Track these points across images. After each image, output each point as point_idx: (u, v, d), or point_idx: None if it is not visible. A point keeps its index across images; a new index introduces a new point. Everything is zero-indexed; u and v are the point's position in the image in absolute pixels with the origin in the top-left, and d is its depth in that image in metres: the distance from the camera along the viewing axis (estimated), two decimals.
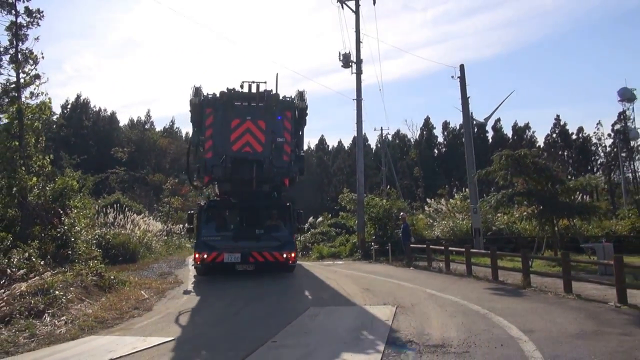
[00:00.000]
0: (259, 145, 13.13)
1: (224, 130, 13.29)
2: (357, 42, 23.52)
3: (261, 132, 13.18)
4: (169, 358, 6.43)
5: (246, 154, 13.02)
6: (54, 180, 16.32)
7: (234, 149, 12.97)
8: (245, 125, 13.10)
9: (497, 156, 15.83)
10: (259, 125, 13.18)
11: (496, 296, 10.44)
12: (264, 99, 13.47)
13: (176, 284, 14.68)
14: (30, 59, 15.96)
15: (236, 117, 13.14)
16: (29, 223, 14.76)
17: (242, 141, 13.06)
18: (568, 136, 64.33)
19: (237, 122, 13.12)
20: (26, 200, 14.81)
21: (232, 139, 13.01)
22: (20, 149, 15.05)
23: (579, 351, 5.85)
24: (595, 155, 63.02)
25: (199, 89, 13.83)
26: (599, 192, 40.77)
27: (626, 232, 20.41)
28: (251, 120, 13.12)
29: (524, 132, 68.90)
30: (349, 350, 6.40)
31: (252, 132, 13.12)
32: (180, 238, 37.16)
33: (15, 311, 8.86)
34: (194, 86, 13.97)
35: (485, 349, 6.14)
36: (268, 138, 13.20)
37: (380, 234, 23.28)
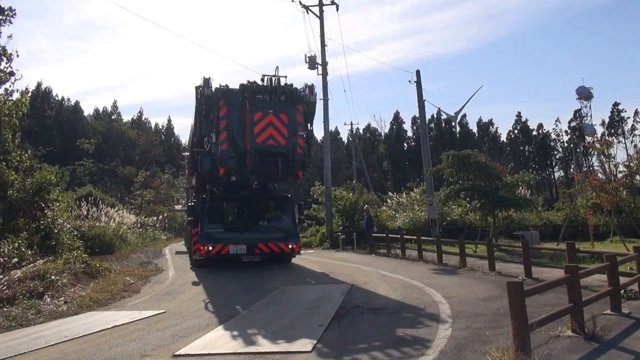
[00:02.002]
0: (282, 139, 13.11)
1: (245, 123, 13.17)
2: (322, 45, 25.14)
3: (283, 126, 13.15)
4: (163, 323, 7.96)
5: (270, 146, 12.98)
6: (32, 175, 17.14)
7: (257, 142, 12.90)
8: (267, 119, 13.01)
9: (445, 156, 17.90)
10: (281, 118, 13.16)
11: (435, 274, 12.42)
12: (284, 92, 13.53)
13: (157, 272, 16.07)
14: (4, 57, 16.69)
15: (258, 110, 13.07)
16: (11, 216, 15.69)
17: (266, 134, 12.97)
18: (529, 132, 67.48)
19: (260, 115, 13.03)
20: (7, 194, 15.71)
21: (255, 131, 12.93)
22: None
23: (479, 308, 7.80)
24: (554, 151, 66.54)
25: (208, 80, 13.70)
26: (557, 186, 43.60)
27: (560, 222, 22.98)
28: (273, 114, 13.08)
29: (488, 128, 71.92)
30: (311, 312, 8.16)
31: (274, 125, 13.05)
32: (155, 230, 37.99)
33: (18, 293, 10.20)
34: (204, 77, 13.85)
35: (412, 309, 8.07)
36: (290, 131, 13.25)
37: (347, 224, 25.14)
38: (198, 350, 6.17)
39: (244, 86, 13.44)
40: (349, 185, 34.82)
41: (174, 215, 45.50)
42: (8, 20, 16.30)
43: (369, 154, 66.35)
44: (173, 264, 18.69)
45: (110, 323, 8.09)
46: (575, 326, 5.89)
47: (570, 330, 5.97)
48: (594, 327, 5.82)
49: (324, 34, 24.96)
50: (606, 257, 7.04)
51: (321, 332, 6.76)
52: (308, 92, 14.03)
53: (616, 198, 20.73)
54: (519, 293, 4.94)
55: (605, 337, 5.76)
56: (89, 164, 53.88)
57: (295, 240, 15.06)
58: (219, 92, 13.65)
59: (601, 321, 6.26)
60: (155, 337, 6.99)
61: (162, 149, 73.18)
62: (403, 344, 6.10)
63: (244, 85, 13.44)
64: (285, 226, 15.17)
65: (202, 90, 13.80)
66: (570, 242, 9.57)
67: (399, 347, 5.94)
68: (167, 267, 17.68)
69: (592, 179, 21.34)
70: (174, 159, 66.13)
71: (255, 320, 7.90)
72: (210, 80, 13.73)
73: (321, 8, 25.25)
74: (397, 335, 6.55)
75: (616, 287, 6.96)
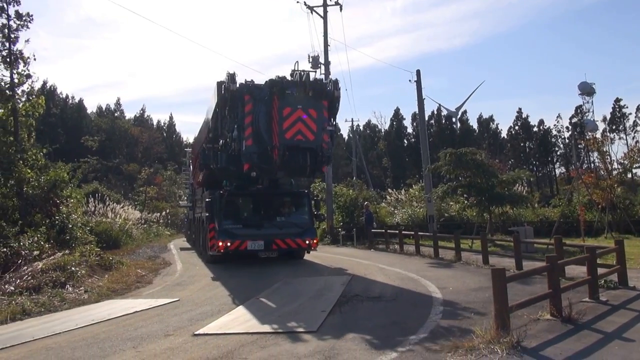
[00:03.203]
0: (311, 134, 13.06)
1: (273, 118, 13.05)
2: (325, 45, 25.74)
3: (312, 121, 13.12)
4: (179, 309, 8.69)
5: (299, 142, 12.94)
6: (47, 172, 17.91)
7: (286, 137, 12.86)
8: (296, 114, 12.97)
9: (443, 153, 18.60)
10: (310, 113, 13.12)
11: (431, 268, 13.14)
12: (313, 87, 13.43)
13: (166, 265, 16.82)
14: (21, 60, 17.42)
15: (287, 105, 12.99)
16: (27, 212, 16.47)
17: (295, 129, 12.93)
18: (530, 128, 67.54)
19: (289, 111, 12.95)
20: (23, 191, 16.47)
21: (284, 127, 12.86)
22: (16, 144, 16.63)
23: (470, 297, 8.53)
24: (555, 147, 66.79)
25: (233, 75, 13.59)
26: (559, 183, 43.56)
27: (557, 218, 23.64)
28: (302, 109, 13.03)
29: (488, 124, 71.95)
30: (314, 299, 8.90)
31: (303, 120, 13.03)
32: (158, 226, 38.76)
33: (43, 283, 10.95)
34: (228, 72, 13.73)
35: (408, 297, 8.82)
36: (319, 126, 13.22)
37: (347, 220, 25.85)
38: (214, 330, 6.90)
39: (272, 81, 13.30)
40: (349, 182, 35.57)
41: (176, 212, 46.32)
42: (25, 26, 17.02)
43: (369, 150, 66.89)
44: (180, 258, 19.43)
45: (131, 309, 8.83)
46: (554, 311, 6.57)
47: (549, 314, 6.65)
48: (571, 311, 6.50)
49: (327, 35, 25.59)
50: (586, 249, 7.75)
51: (324, 316, 7.48)
52: (332, 87, 13.82)
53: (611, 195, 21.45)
54: (502, 278, 5.66)
55: (580, 321, 6.45)
56: (93, 161, 54.63)
57: (313, 235, 15.17)
58: (244, 88, 13.51)
59: (579, 307, 6.99)
60: (174, 320, 7.73)
61: (164, 146, 74.06)
62: (398, 325, 6.81)
63: (273, 81, 13.32)
64: (302, 222, 15.26)
65: (227, 85, 13.64)
66: (558, 237, 10.26)
67: (394, 328, 6.65)
68: (174, 261, 18.42)
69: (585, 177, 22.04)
70: (176, 155, 66.93)
71: (262, 307, 8.63)
72: (235, 75, 13.60)
73: (325, 9, 25.88)
74: (393, 318, 7.27)
75: (594, 277, 7.67)
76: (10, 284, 10.82)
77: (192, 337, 6.60)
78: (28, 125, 17.41)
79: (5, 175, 16.20)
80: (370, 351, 5.58)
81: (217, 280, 12.50)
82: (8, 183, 16.17)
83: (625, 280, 8.69)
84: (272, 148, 12.90)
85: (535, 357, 5.14)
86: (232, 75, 13.60)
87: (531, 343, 5.50)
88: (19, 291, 10.32)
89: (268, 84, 13.37)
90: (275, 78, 13.45)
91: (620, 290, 8.41)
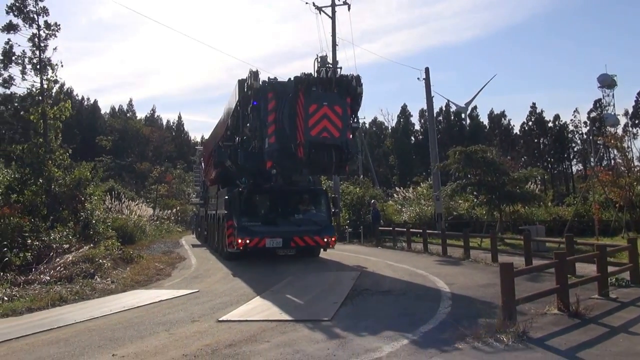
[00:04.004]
0: (337, 131, 12.96)
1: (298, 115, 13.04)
2: (334, 45, 26.28)
3: (338, 118, 13.03)
4: (200, 299, 9.29)
5: (324, 139, 12.83)
6: (72, 171, 18.79)
7: (312, 134, 12.76)
8: (322, 111, 12.88)
9: (452, 152, 18.96)
10: (336, 110, 13.04)
11: (439, 265, 13.61)
12: (338, 84, 13.39)
13: (181, 260, 17.49)
14: (49, 67, 18.27)
15: (313, 102, 12.91)
16: (54, 208, 17.31)
17: (320, 126, 12.83)
18: (544, 124, 65.09)
19: (315, 108, 12.85)
20: (51, 188, 17.33)
21: (310, 124, 12.77)
22: (45, 145, 17.50)
23: (478, 293, 8.95)
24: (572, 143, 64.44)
25: (257, 73, 13.61)
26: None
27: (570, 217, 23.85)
28: (328, 106, 12.96)
29: (500, 120, 69.91)
30: (327, 292, 9.45)
31: (329, 117, 12.94)
32: (170, 223, 39.62)
33: (74, 273, 11.75)
34: (251, 70, 13.78)
35: (416, 292, 9.28)
36: (344, 123, 13.16)
37: (354, 218, 26.33)
38: (236, 317, 7.46)
39: (298, 78, 13.23)
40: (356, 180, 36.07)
41: (185, 209, 47.22)
42: (53, 35, 17.91)
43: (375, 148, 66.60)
44: (193, 253, 20.07)
45: (156, 298, 9.46)
46: (561, 305, 6.90)
47: (556, 309, 6.98)
48: (578, 307, 6.82)
49: (335, 35, 26.11)
50: (596, 246, 8.11)
51: (337, 307, 7.97)
52: (355, 83, 13.72)
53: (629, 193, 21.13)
54: (509, 272, 6.12)
55: (587, 316, 6.77)
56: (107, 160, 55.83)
57: (331, 233, 15.16)
58: (268, 85, 13.56)
59: (587, 303, 7.27)
60: (197, 308, 8.33)
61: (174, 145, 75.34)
62: (408, 316, 7.29)
63: (299, 78, 13.23)
64: (320, 219, 15.30)
65: (250, 83, 13.65)
66: (569, 235, 10.58)
67: (405, 318, 7.13)
68: (188, 256, 19.06)
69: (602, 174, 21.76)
70: (185, 154, 68.05)
71: (278, 298, 9.15)
72: (258, 73, 13.62)
73: (333, 9, 26.42)
74: (403, 310, 7.75)
75: (604, 274, 7.95)
76: (45, 274, 11.61)
77: (217, 322, 7.17)
78: (55, 128, 18.37)
79: (36, 174, 17.11)
80: (383, 338, 6.03)
81: (232, 274, 13.02)
82: (38, 181, 17.03)
83: (638, 279, 8.85)
84: (296, 145, 12.92)
85: (540, 346, 5.52)
86: (255, 72, 13.63)
87: (537, 334, 5.89)
88: (53, 281, 11.12)
89: (293, 81, 13.35)
90: (301, 75, 13.34)
91: (632, 289, 8.61)
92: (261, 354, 5.54)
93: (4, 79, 17.92)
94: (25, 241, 13.25)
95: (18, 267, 11.94)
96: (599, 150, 27.25)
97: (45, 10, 17.88)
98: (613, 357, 5.22)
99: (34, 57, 17.78)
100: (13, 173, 17.54)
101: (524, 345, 5.52)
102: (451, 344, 5.70)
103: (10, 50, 17.70)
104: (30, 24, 17.76)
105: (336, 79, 13.36)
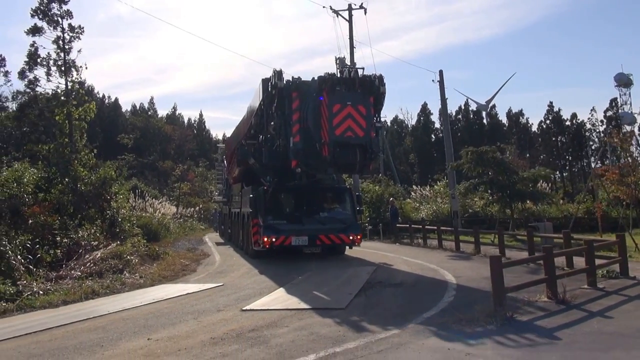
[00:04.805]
0: (361, 130, 12.96)
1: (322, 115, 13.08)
2: (351, 48, 26.68)
3: (362, 117, 13.03)
4: (224, 292, 10.03)
5: (349, 138, 12.83)
6: (97, 171, 19.65)
7: (336, 134, 12.79)
8: (346, 110, 12.90)
9: (464, 152, 19.47)
10: (360, 110, 13.05)
11: (451, 260, 14.14)
12: (362, 83, 13.40)
13: (205, 256, 18.28)
14: (73, 68, 19.14)
15: (337, 102, 12.94)
16: (80, 207, 18.20)
17: (344, 126, 12.86)
18: (562, 122, 65.14)
19: (339, 107, 12.87)
20: (77, 187, 18.22)
21: (334, 123, 12.81)
22: (70, 145, 18.38)
23: (481, 284, 9.52)
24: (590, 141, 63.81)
25: (281, 72, 13.72)
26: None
27: (581, 215, 24.05)
28: (352, 105, 12.97)
29: (518, 119, 69.75)
30: (343, 285, 10.13)
31: (353, 116, 12.95)
32: (193, 221, 40.67)
33: (104, 269, 12.52)
34: (275, 70, 13.84)
35: (426, 284, 9.98)
36: (368, 122, 13.18)
37: (374, 216, 26.85)
38: (259, 307, 8.20)
39: (322, 78, 13.27)
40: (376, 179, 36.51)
41: (207, 207, 48.27)
42: (77, 37, 18.67)
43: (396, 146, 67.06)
44: (216, 250, 20.89)
45: (184, 291, 10.22)
46: (550, 294, 7.58)
47: (546, 297, 7.66)
48: (565, 295, 7.50)
49: (352, 38, 26.50)
50: (585, 241, 8.63)
51: (351, 297, 8.66)
52: (378, 83, 13.66)
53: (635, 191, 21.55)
54: (498, 264, 6.73)
55: (573, 303, 7.43)
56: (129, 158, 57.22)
57: (357, 231, 15.16)
58: (292, 84, 13.63)
59: (576, 292, 7.97)
60: (222, 300, 9.05)
61: (195, 142, 76.54)
62: (414, 304, 7.97)
63: (322, 78, 13.28)
64: (346, 217, 15.33)
65: (274, 82, 13.76)
66: (566, 231, 11.08)
67: (411, 306, 7.81)
68: (212, 252, 19.88)
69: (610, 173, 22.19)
70: (206, 152, 69.05)
71: (297, 290, 9.85)
72: (282, 72, 13.71)
73: (350, 12, 26.83)
74: (410, 300, 8.44)
75: (592, 267, 8.58)
76: (76, 270, 12.40)
77: (241, 311, 7.89)
78: (80, 128, 19.17)
79: (62, 173, 17.98)
80: (389, 323, 6.71)
81: (254, 269, 13.77)
82: (64, 181, 17.91)
83: (626, 271, 9.50)
84: (321, 144, 12.96)
85: (525, 327, 6.20)
86: (279, 72, 13.74)
87: (523, 317, 6.57)
88: (84, 276, 11.87)
89: (317, 80, 13.43)
90: (325, 75, 13.42)
91: (620, 280, 9.25)
92: (280, 336, 6.27)
93: (29, 80, 18.75)
94: (55, 238, 13.91)
95: (49, 264, 12.43)
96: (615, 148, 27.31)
97: (69, 13, 18.53)
98: (584, 335, 5.94)
99: (59, 59, 18.49)
100: (40, 172, 18.26)
101: (510, 326, 6.21)
102: (447, 326, 6.37)
103: (35, 53, 18.37)
104: (55, 27, 18.40)
105: (359, 79, 13.36)
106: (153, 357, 5.61)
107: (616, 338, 5.84)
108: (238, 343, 6.01)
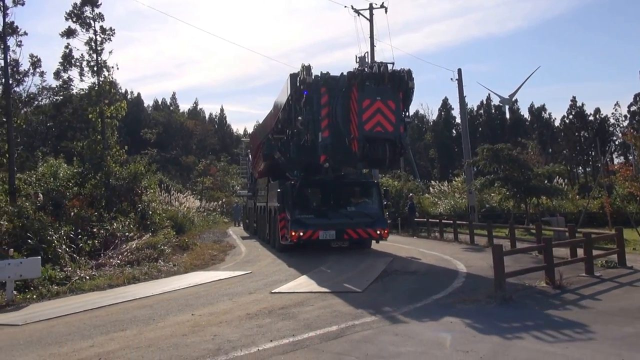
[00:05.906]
0: (390, 125, 13.03)
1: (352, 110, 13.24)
2: (372, 46, 27.41)
3: (391, 112, 13.09)
4: (253, 278, 11.02)
5: (378, 133, 12.91)
6: (128, 166, 20.85)
7: (366, 129, 12.88)
8: (376, 105, 12.98)
9: (480, 149, 20.09)
10: (389, 105, 13.12)
11: (465, 251, 14.88)
12: (391, 78, 13.39)
13: (231, 247, 19.35)
14: (105, 69, 20.30)
15: (367, 97, 13.00)
16: (112, 201, 19.43)
17: (374, 121, 12.94)
18: (585, 117, 64.02)
19: (368, 102, 12.96)
20: (109, 182, 19.45)
21: (363, 118, 12.89)
22: (103, 142, 19.60)
23: (489, 272, 9.95)
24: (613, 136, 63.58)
25: (309, 68, 13.81)
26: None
27: (595, 210, 24.34)
28: (381, 101, 13.04)
29: (540, 114, 68.92)
30: (361, 273, 11.04)
31: (382, 112, 13.02)
32: (216, 214, 42.01)
33: (140, 258, 13.65)
34: (303, 64, 13.98)
35: (438, 272, 10.85)
36: (397, 117, 13.24)
37: (393, 210, 27.51)
38: (286, 290, 9.18)
39: (351, 74, 13.38)
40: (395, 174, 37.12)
41: (230, 201, 49.62)
42: (108, 39, 19.83)
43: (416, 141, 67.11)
44: (241, 242, 21.94)
45: (216, 277, 11.26)
46: (548, 280, 8.38)
47: (544, 283, 8.47)
48: (561, 281, 8.29)
49: (373, 37, 27.22)
50: (583, 233, 9.33)
51: (368, 283, 9.55)
52: (407, 78, 13.67)
53: None
54: (499, 252, 7.51)
55: (568, 288, 8.23)
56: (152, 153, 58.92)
57: (384, 225, 15.25)
58: (320, 80, 13.74)
59: (573, 279, 8.70)
60: (253, 284, 10.03)
61: (217, 137, 78.02)
62: (425, 289, 8.81)
63: (352, 73, 13.40)
64: (373, 211, 15.41)
65: (302, 78, 13.86)
66: (571, 224, 11.73)
67: (422, 291, 8.67)
68: (237, 244, 20.95)
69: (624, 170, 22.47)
70: (228, 147, 70.40)
71: (320, 277, 10.79)
72: (310, 67, 13.80)
73: (371, 12, 27.54)
74: (422, 285, 9.29)
75: (590, 256, 9.34)
76: (114, 259, 13.58)
77: (270, 294, 8.87)
78: (112, 126, 20.37)
79: (95, 168, 19.22)
80: (401, 303, 7.61)
81: (279, 259, 14.71)
82: (97, 175, 19.16)
83: (624, 261, 10.23)
84: (350, 140, 13.12)
85: (520, 306, 7.07)
86: (307, 67, 13.83)
87: (520, 299, 7.39)
88: (123, 264, 13.03)
89: (346, 76, 13.55)
90: (354, 70, 13.58)
91: (617, 269, 10.00)
92: (307, 312, 7.25)
93: (63, 81, 19.91)
94: (92, 230, 15.00)
95: (87, 253, 13.37)
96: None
97: (100, 16, 19.61)
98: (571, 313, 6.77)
99: (91, 59, 19.65)
100: (74, 168, 19.48)
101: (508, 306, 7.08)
102: (452, 305, 7.27)
103: (69, 54, 19.50)
104: (87, 29, 19.53)
105: (389, 74, 13.34)
106: (199, 327, 6.60)
107: (599, 315, 6.62)
108: (270, 317, 6.97)
